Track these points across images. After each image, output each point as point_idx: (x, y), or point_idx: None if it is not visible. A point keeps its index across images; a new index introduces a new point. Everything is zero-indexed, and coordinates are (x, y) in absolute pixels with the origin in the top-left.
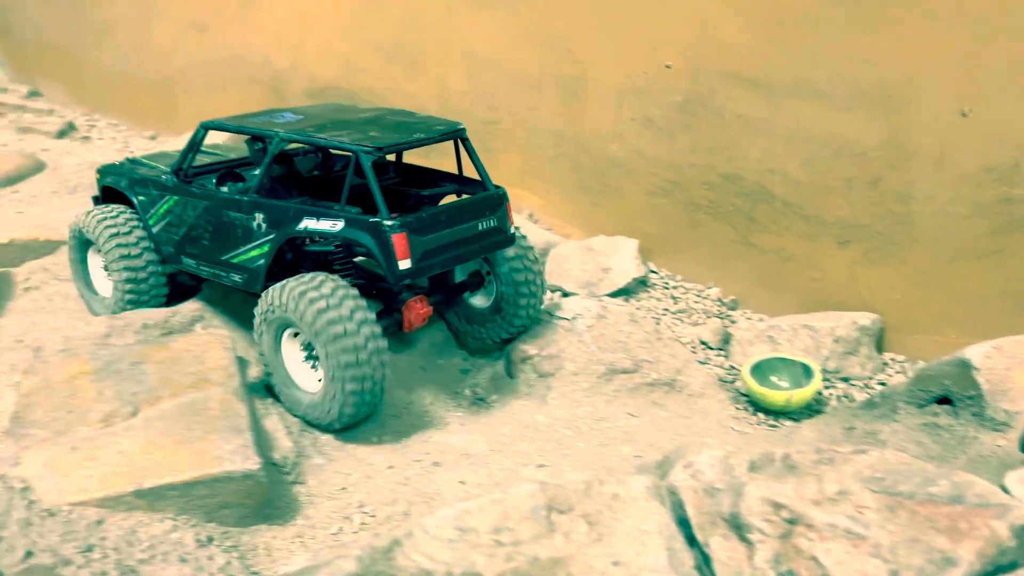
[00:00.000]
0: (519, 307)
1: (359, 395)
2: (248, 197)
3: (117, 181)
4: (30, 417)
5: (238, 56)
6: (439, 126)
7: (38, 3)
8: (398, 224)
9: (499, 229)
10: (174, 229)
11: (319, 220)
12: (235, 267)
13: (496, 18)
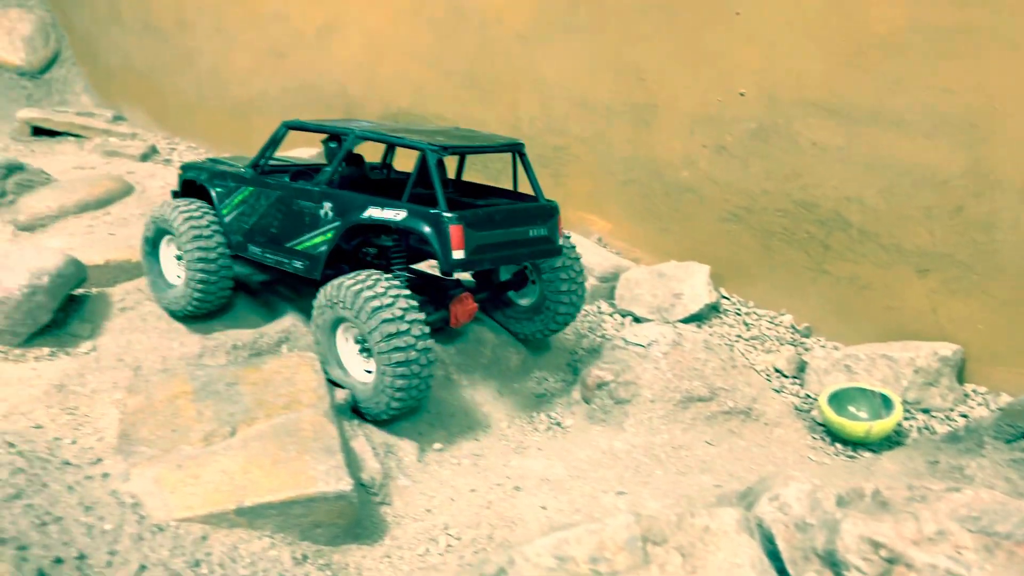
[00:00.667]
0: (559, 311)
1: (407, 390)
2: (319, 187)
3: (198, 175)
4: (137, 435)
5: (314, 82)
6: (500, 139)
7: (124, 32)
8: (456, 216)
9: (548, 238)
10: (245, 218)
11: (383, 209)
12: (298, 254)
13: (568, 47)
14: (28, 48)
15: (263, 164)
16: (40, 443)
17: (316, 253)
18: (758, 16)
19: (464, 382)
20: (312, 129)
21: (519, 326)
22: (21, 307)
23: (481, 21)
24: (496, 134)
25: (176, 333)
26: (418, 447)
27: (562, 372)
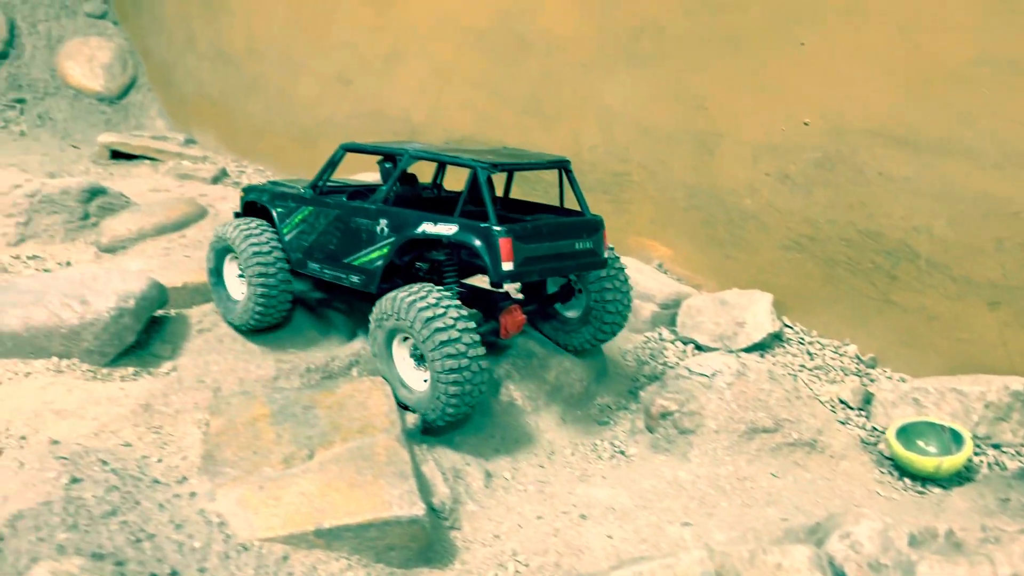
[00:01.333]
0: (605, 321)
1: (460, 396)
2: (375, 205)
3: (259, 196)
4: (221, 456)
5: (379, 109)
6: (547, 157)
7: (198, 59)
8: (505, 230)
9: (593, 251)
10: (305, 236)
11: (436, 224)
12: (355, 269)
13: (631, 75)
14: (107, 75)
15: (322, 185)
16: (130, 461)
17: (372, 268)
18: (824, 47)
19: (528, 408)
20: (368, 151)
21: (567, 338)
22: (109, 328)
23: (544, 51)
24: (543, 152)
25: (251, 355)
26: (485, 473)
27: (624, 399)
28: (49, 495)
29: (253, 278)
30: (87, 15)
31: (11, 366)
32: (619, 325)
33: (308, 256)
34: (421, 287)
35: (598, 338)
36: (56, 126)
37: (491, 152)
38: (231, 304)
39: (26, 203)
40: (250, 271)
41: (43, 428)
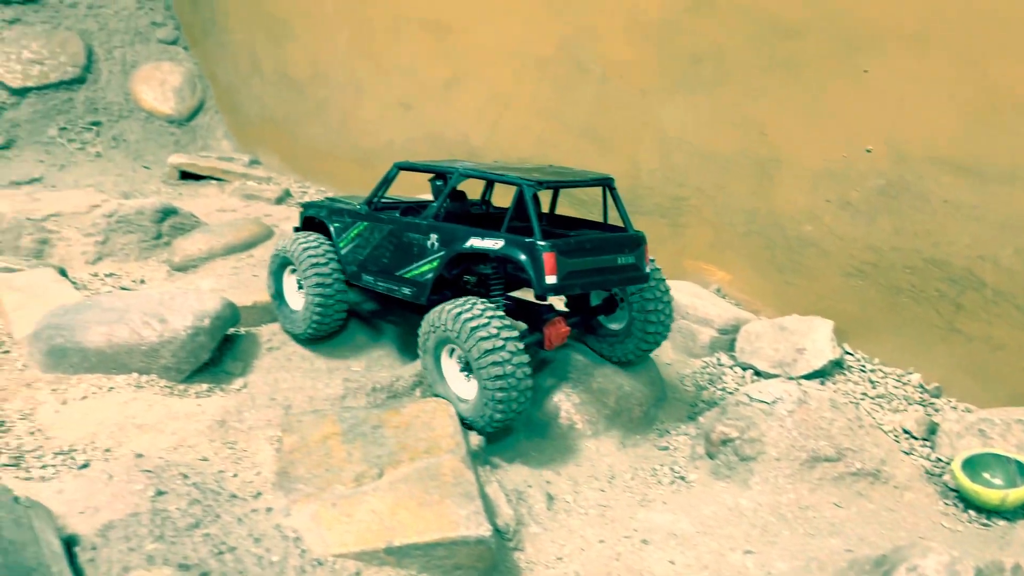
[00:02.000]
0: (648, 332)
1: (506, 403)
2: (426, 221)
3: (318, 212)
4: (295, 473)
5: (438, 132)
6: (591, 174)
7: (263, 83)
8: (549, 245)
9: (635, 266)
10: (360, 250)
11: (483, 239)
12: (407, 281)
13: (690, 101)
14: (177, 98)
15: (376, 201)
16: (208, 475)
17: (423, 280)
18: (887, 74)
19: (588, 432)
20: (420, 169)
21: (611, 350)
22: (186, 346)
23: (602, 76)
24: (587, 170)
25: (318, 373)
26: (547, 495)
27: (683, 424)
28: (137, 507)
29: (311, 289)
30: (159, 41)
31: (95, 381)
32: (662, 336)
33: (363, 269)
34: (468, 300)
35: (641, 349)
36: (129, 147)
37: (537, 170)
38: (290, 314)
39: (104, 223)
40: (308, 282)
41: (126, 441)
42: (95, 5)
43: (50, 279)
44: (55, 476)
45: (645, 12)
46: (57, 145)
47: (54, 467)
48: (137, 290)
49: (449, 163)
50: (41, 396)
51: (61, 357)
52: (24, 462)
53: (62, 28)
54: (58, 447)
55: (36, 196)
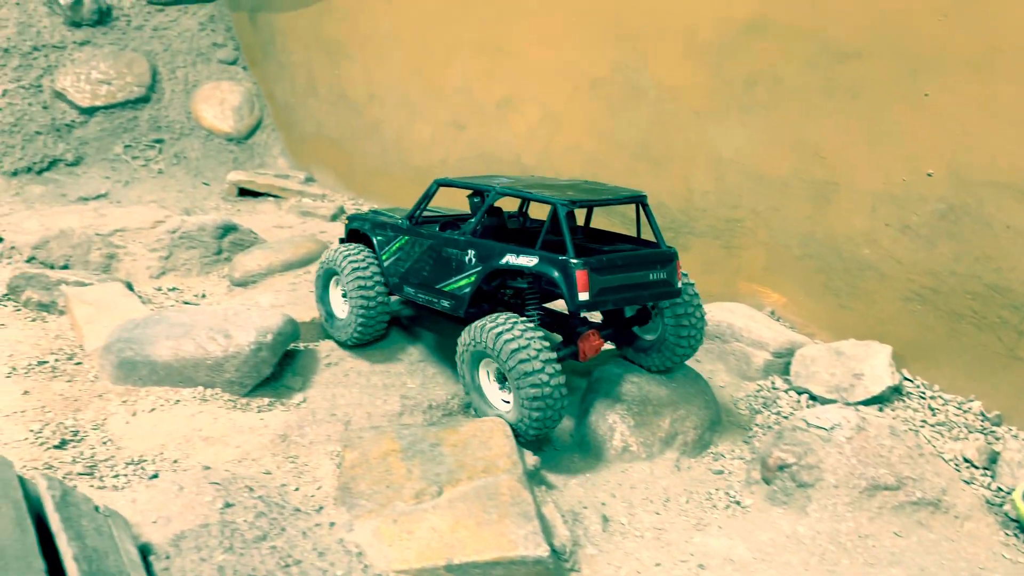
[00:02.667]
0: (680, 343)
1: (542, 420)
2: (464, 237)
3: (362, 225)
4: (357, 488)
5: (491, 152)
6: (624, 192)
7: (319, 103)
8: (581, 262)
9: (667, 281)
10: (402, 263)
11: (518, 256)
12: (446, 294)
13: (745, 123)
14: (236, 116)
15: (418, 216)
16: (271, 488)
17: (461, 294)
18: (949, 98)
19: (643, 455)
20: (459, 186)
21: (647, 359)
22: (249, 361)
23: (656, 98)
24: (621, 187)
25: (375, 390)
26: (602, 517)
27: (738, 449)
28: (207, 518)
29: (355, 299)
30: (220, 61)
31: (163, 393)
32: (694, 347)
33: (404, 281)
34: (506, 318)
35: (674, 359)
36: (190, 164)
37: (572, 187)
38: (335, 321)
39: (168, 239)
40: (352, 292)
41: (193, 453)
42: (160, 27)
43: (119, 293)
44: (127, 485)
45: (700, 35)
46: (122, 162)
47: (126, 476)
48: (200, 305)
49: (486, 180)
50: (112, 407)
51: (131, 370)
52: (98, 471)
53: (129, 49)
54: (129, 457)
55: (102, 212)
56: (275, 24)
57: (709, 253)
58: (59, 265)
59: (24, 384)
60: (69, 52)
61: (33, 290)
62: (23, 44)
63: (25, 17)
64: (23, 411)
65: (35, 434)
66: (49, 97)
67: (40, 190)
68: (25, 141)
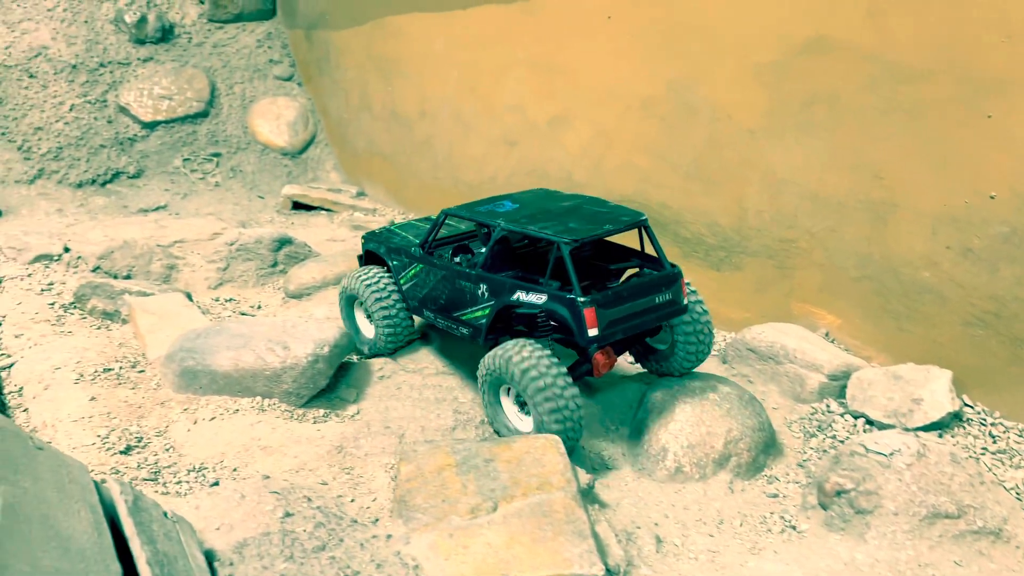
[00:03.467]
0: (688, 352)
1: (562, 433)
2: (475, 271)
3: (377, 248)
4: (413, 502)
5: (541, 169)
6: (625, 216)
7: (372, 119)
8: (588, 300)
9: (673, 301)
10: (419, 288)
11: (528, 293)
12: (464, 323)
13: (801, 143)
14: (291, 132)
15: (429, 243)
16: (329, 499)
17: (478, 324)
18: (1013, 120)
19: (696, 476)
20: (465, 218)
21: (657, 366)
22: (306, 373)
23: (711, 117)
24: (622, 206)
25: (427, 403)
26: (655, 537)
27: (793, 472)
28: (268, 527)
29: (379, 321)
30: (276, 77)
31: (222, 402)
32: (702, 357)
33: (423, 305)
34: (516, 344)
35: (684, 367)
36: (246, 178)
37: (574, 215)
38: (362, 337)
39: (226, 251)
40: (376, 315)
41: (252, 462)
42: (219, 44)
43: (180, 303)
44: (190, 492)
45: (757, 54)
46: (181, 175)
47: (188, 483)
48: (255, 316)
49: (491, 213)
50: (173, 415)
51: (192, 379)
52: (161, 477)
53: (189, 65)
54: (190, 464)
55: (162, 223)
56: (330, 41)
57: (762, 273)
58: (122, 275)
59: (91, 390)
60: (133, 68)
61: (98, 299)
62: (91, 60)
63: (93, 35)
64: (90, 417)
65: (102, 439)
66: (113, 112)
67: (103, 201)
68: (90, 154)
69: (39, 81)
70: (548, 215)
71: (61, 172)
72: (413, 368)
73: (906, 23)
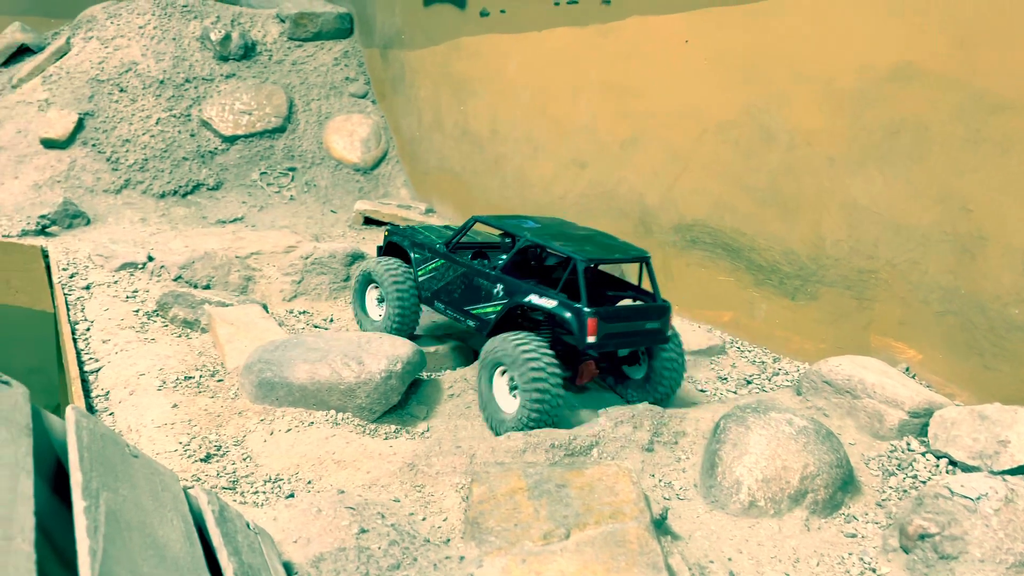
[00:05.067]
0: (662, 383)
1: (538, 418)
2: (495, 272)
3: (401, 240)
4: (485, 524)
5: (611, 191)
6: (633, 251)
7: (444, 138)
8: (592, 312)
9: (660, 330)
10: (435, 281)
11: (540, 297)
12: (473, 316)
13: (883, 172)
14: (364, 148)
15: (454, 243)
16: (401, 517)
17: (487, 319)
18: None
19: (771, 511)
20: (494, 225)
21: (630, 395)
22: (379, 388)
23: (789, 144)
24: (629, 243)
25: None
26: (729, 573)
27: (871, 511)
28: (344, 542)
29: (392, 304)
30: (351, 95)
31: (298, 415)
32: (674, 388)
33: (436, 296)
34: (526, 336)
35: (655, 396)
36: (319, 192)
37: (590, 241)
38: (370, 323)
39: (301, 264)
40: (390, 299)
41: (326, 475)
42: (298, 61)
43: (257, 315)
44: (266, 503)
45: (839, 81)
46: (257, 188)
47: (264, 494)
48: (328, 329)
49: (517, 223)
50: (251, 424)
51: (269, 390)
52: (239, 486)
53: (269, 82)
54: (267, 475)
55: (240, 235)
56: (405, 61)
57: (839, 303)
58: (202, 285)
59: (173, 397)
60: (216, 84)
61: (180, 307)
62: (177, 76)
63: (180, 52)
64: (172, 424)
65: (183, 446)
66: (196, 126)
67: (183, 212)
68: (173, 166)
69: (128, 95)
70: (567, 237)
71: (146, 183)
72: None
73: (996, 52)
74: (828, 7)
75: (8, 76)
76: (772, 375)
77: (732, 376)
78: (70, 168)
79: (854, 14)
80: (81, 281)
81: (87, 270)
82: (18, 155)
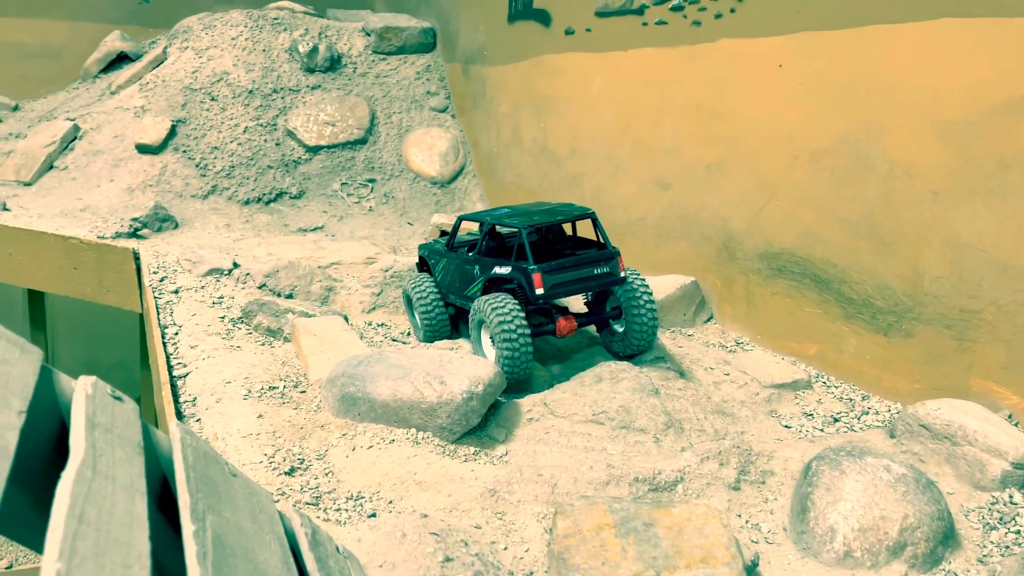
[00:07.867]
0: (634, 334)
1: (509, 364)
2: (472, 255)
3: (424, 253)
4: (572, 560)
5: (694, 214)
6: (576, 210)
7: (522, 154)
8: (536, 268)
9: (611, 273)
10: (446, 277)
11: (501, 267)
12: (467, 297)
13: (992, 208)
14: (442, 162)
15: (453, 243)
16: (483, 545)
17: (474, 296)
18: None
19: (867, 563)
20: (471, 219)
21: (615, 347)
22: (460, 409)
23: (887, 174)
24: (575, 206)
25: (576, 452)
26: None
27: (974, 569)
28: (428, 570)
29: (422, 315)
30: (431, 109)
31: (379, 431)
32: (645, 340)
33: (448, 290)
34: (499, 297)
35: (631, 348)
36: (397, 204)
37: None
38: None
39: (381, 276)
40: (420, 310)
41: (407, 496)
42: (381, 75)
43: (339, 327)
44: (348, 521)
45: (944, 111)
46: (338, 198)
47: (346, 511)
48: (406, 343)
49: (489, 212)
50: (333, 439)
51: (351, 405)
52: (322, 502)
53: (353, 94)
54: (348, 492)
55: (321, 244)
56: (486, 76)
57: (937, 343)
58: (285, 294)
59: (258, 407)
60: (302, 95)
61: (264, 316)
62: (265, 87)
63: (269, 63)
64: (257, 434)
65: (268, 459)
66: (281, 135)
67: (266, 219)
68: (258, 174)
69: (219, 104)
70: (524, 214)
71: (231, 189)
72: (562, 413)
73: None
74: (938, 36)
75: (107, 83)
76: (861, 414)
77: (818, 412)
78: (161, 173)
79: (968, 43)
80: (170, 285)
81: (176, 274)
82: (114, 159)
